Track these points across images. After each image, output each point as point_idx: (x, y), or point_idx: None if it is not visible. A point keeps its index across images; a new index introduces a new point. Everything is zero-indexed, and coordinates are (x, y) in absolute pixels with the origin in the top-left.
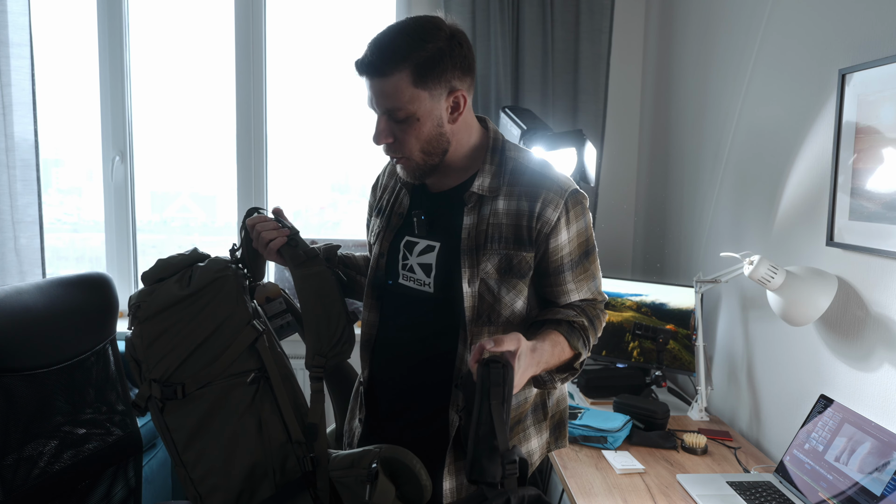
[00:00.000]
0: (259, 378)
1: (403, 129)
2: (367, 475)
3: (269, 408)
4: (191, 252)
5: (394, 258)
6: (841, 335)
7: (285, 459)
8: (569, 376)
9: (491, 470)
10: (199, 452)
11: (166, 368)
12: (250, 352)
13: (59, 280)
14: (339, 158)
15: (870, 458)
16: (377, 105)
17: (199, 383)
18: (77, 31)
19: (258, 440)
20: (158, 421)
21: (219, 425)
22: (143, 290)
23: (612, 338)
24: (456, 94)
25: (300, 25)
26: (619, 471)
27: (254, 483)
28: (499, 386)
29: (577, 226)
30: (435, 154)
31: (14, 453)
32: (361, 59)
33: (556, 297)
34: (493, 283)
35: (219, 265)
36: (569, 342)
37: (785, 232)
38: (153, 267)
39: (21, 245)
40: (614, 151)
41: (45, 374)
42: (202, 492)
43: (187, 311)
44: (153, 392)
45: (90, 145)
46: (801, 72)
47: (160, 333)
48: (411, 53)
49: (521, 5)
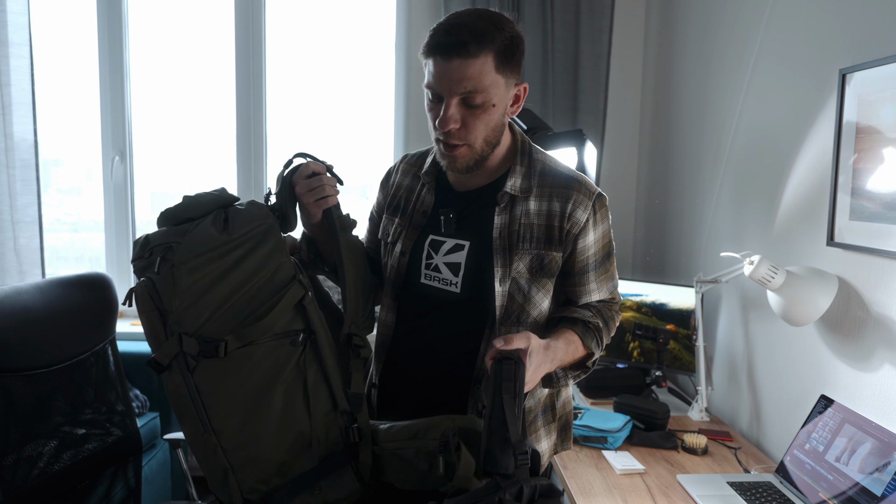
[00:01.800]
0: (306, 340)
1: (476, 114)
2: (441, 446)
3: (314, 373)
4: (219, 191)
5: (417, 257)
6: (841, 335)
7: (328, 430)
8: (581, 374)
9: (503, 461)
10: (237, 420)
11: (203, 320)
12: (296, 310)
13: (58, 280)
14: (339, 158)
15: (870, 459)
16: (453, 88)
17: (243, 342)
18: (77, 31)
19: (304, 408)
20: (182, 382)
21: (262, 390)
22: (171, 229)
23: (612, 338)
24: (520, 86)
25: (300, 25)
26: (619, 471)
27: (295, 454)
28: (510, 381)
29: (603, 227)
30: (493, 144)
31: (14, 453)
32: (443, 41)
33: (577, 297)
34: (525, 283)
35: (262, 211)
36: (583, 342)
37: (785, 232)
38: (178, 204)
39: (21, 245)
40: (614, 151)
41: (44, 375)
42: (235, 462)
43: (229, 256)
44: (186, 348)
45: (90, 145)
46: (802, 71)
47: (197, 279)
48: (496, 38)
49: (521, 5)
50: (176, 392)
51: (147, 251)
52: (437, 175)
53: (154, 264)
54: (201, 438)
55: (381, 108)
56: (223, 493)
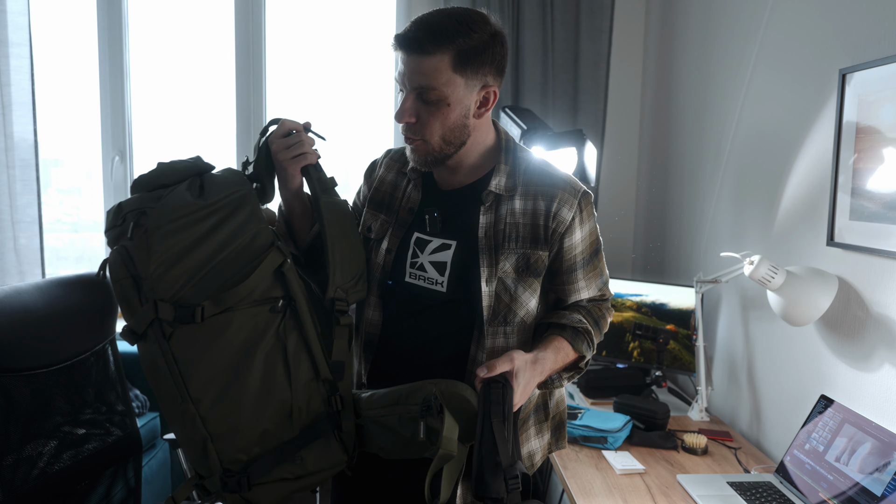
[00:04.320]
0: (286, 307)
1: (431, 111)
2: (423, 411)
3: (295, 341)
4: (194, 159)
5: (402, 255)
6: (841, 335)
7: (310, 398)
8: (574, 375)
9: (494, 486)
10: (217, 388)
11: (179, 286)
12: (275, 277)
13: (58, 280)
14: (339, 158)
15: (870, 459)
16: (409, 82)
17: (221, 307)
18: (77, 31)
19: (284, 376)
20: (158, 350)
21: (241, 357)
22: (144, 195)
23: (612, 338)
24: (488, 89)
25: (300, 25)
26: (619, 471)
27: (276, 423)
28: (498, 404)
29: (589, 225)
30: (453, 144)
31: (13, 453)
32: (404, 34)
33: (566, 295)
34: (511, 283)
35: (239, 177)
36: (573, 346)
37: (785, 232)
38: (152, 171)
39: (20, 245)
40: (614, 151)
41: (44, 375)
42: (215, 432)
43: (205, 222)
44: (161, 314)
45: (90, 145)
46: (802, 72)
47: (172, 245)
48: (457, 38)
49: (521, 5)
50: (152, 361)
51: (120, 218)
52: (423, 172)
53: (127, 231)
54: (179, 408)
55: (382, 107)
56: (202, 465)
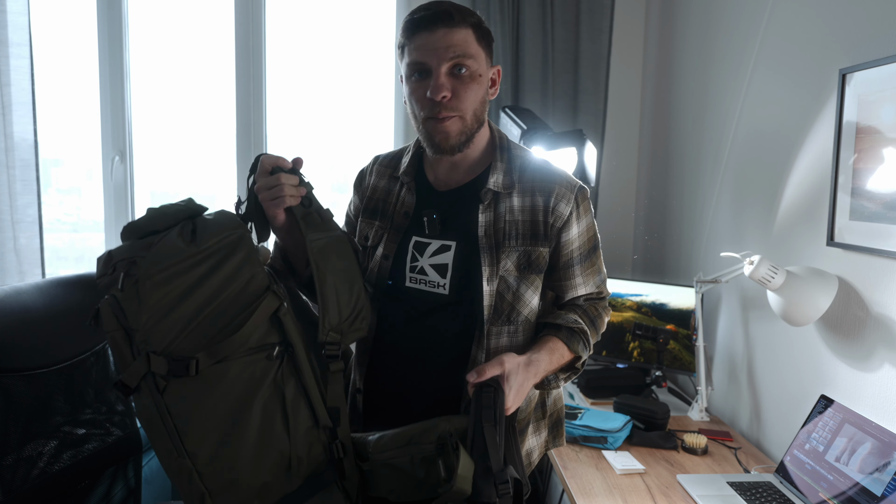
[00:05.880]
0: (283, 353)
1: (465, 84)
2: (438, 449)
3: (293, 389)
4: (186, 202)
5: (400, 260)
6: (841, 335)
7: (310, 447)
8: (571, 375)
9: (486, 490)
10: (213, 441)
11: (172, 337)
12: (272, 322)
13: (58, 280)
14: (339, 159)
15: (870, 459)
16: (442, 56)
17: (216, 358)
18: (77, 31)
19: (283, 426)
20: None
21: (238, 409)
22: (134, 243)
23: (612, 338)
24: (495, 69)
25: (300, 25)
26: (619, 471)
27: (276, 475)
28: (490, 408)
29: (587, 220)
30: (479, 122)
31: (13, 453)
32: (425, 15)
33: (563, 292)
34: (513, 280)
35: (232, 220)
36: (568, 347)
37: (785, 232)
38: (142, 217)
39: (20, 245)
40: (614, 151)
41: (44, 374)
42: (213, 487)
43: (197, 269)
44: (154, 367)
45: (90, 145)
46: (802, 72)
47: (164, 295)
48: (473, 15)
49: (521, 5)
50: (146, 415)
51: (110, 267)
52: (416, 174)
53: (117, 280)
54: (175, 463)
55: (382, 107)
56: None
